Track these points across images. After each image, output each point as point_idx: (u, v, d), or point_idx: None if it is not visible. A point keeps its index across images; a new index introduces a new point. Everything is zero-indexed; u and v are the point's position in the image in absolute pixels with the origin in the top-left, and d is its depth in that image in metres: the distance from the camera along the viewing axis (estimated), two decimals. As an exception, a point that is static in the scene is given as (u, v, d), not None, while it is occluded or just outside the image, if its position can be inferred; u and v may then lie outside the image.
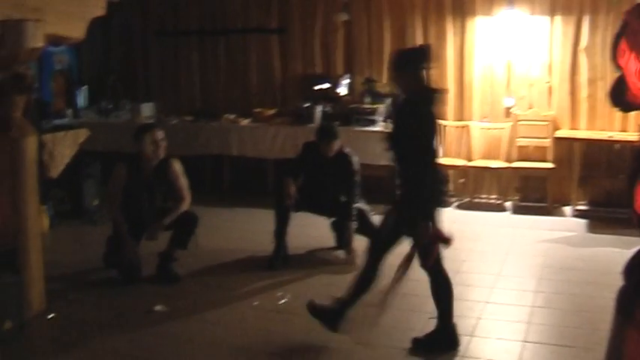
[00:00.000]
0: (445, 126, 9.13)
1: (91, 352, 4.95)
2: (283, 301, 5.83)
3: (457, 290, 5.92)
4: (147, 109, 10.18)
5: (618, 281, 3.34)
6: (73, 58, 10.15)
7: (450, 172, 9.25)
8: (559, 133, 8.74)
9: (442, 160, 8.97)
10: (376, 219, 7.03)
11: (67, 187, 8.51)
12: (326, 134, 6.87)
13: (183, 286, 6.21)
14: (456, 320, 4.96)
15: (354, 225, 6.79)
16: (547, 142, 8.80)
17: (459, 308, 5.55)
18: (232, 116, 9.67)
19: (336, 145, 6.83)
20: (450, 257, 6.80)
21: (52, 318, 5.44)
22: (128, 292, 6.11)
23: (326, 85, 9.59)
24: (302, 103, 9.39)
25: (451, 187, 9.31)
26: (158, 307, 5.63)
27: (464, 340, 4.96)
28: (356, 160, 6.87)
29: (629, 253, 3.32)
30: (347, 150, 6.94)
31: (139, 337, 5.17)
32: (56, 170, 7.01)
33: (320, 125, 8.00)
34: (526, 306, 5.67)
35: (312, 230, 7.42)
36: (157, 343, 5.09)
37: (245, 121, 9.58)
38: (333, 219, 7.08)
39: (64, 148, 7.25)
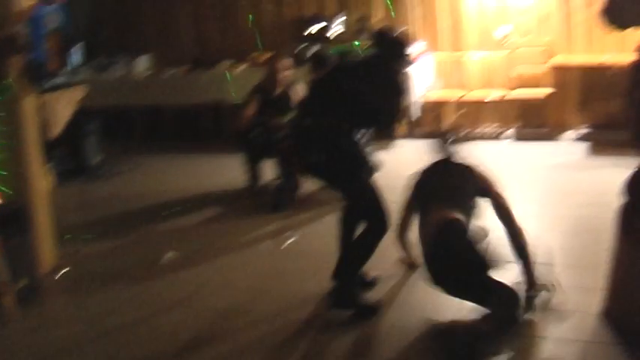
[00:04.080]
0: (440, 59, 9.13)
1: (107, 301, 5.03)
2: (291, 240, 5.94)
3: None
4: (142, 62, 10.15)
5: (620, 201, 3.37)
6: (65, 16, 10.10)
7: (448, 104, 9.25)
8: (556, 59, 8.70)
9: (439, 93, 9.03)
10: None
11: (69, 145, 8.53)
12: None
13: (191, 233, 6.30)
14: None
15: None
16: (544, 69, 8.76)
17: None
18: (229, 63, 9.64)
19: None
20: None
21: (64, 273, 5.52)
22: (137, 243, 6.23)
23: (322, 24, 9.49)
24: (296, 46, 9.33)
25: (452, 119, 9.34)
26: (169, 255, 5.70)
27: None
28: None
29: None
30: None
31: (151, 285, 5.27)
32: (56, 129, 7.03)
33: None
34: (530, 230, 5.69)
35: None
36: (168, 289, 5.19)
37: (242, 67, 9.54)
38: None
39: (63, 107, 7.26)
